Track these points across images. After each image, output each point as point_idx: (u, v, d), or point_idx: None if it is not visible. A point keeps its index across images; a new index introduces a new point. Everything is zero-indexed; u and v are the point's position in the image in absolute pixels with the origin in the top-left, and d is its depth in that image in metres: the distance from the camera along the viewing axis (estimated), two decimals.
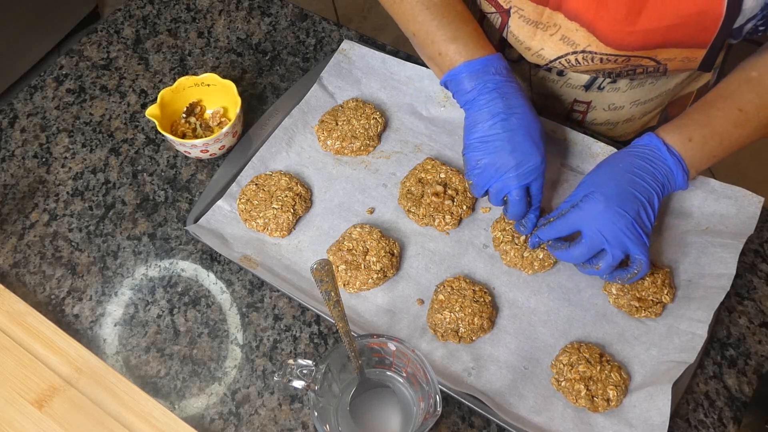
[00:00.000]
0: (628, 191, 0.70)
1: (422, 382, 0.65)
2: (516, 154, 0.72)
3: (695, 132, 0.72)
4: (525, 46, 0.82)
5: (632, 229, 0.69)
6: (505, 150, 0.73)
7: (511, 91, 0.74)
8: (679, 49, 0.75)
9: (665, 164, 0.72)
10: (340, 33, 1.00)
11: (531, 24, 0.79)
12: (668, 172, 0.72)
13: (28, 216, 0.85)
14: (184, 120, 0.88)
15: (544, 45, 0.80)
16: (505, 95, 0.74)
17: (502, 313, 0.76)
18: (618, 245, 0.70)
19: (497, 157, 0.73)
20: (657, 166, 0.72)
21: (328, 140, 0.87)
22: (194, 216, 0.81)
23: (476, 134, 0.74)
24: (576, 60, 0.79)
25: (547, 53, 0.81)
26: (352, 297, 0.77)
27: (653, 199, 0.71)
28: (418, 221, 0.81)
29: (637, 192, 0.71)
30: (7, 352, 0.72)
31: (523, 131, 0.73)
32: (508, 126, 0.73)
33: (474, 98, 0.75)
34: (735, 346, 0.75)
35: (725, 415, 0.71)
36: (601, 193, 0.70)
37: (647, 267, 0.71)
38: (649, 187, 0.71)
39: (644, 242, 0.70)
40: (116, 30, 1.02)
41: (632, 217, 0.69)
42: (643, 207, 0.70)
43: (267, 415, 0.71)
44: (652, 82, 0.86)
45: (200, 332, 0.76)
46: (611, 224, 0.69)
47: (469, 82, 0.75)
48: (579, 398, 0.69)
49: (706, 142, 0.72)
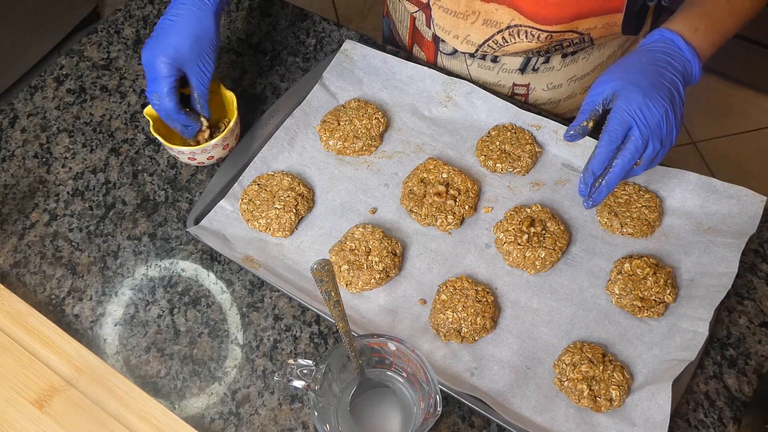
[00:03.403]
0: (659, 82, 0.70)
1: (422, 382, 0.65)
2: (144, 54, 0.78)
3: (699, 22, 0.74)
4: (452, 35, 0.87)
5: (669, 117, 0.69)
6: (144, 50, 0.78)
7: (187, 2, 0.79)
8: (597, 17, 0.79)
9: (683, 55, 0.73)
10: (340, 33, 1.00)
11: (451, 14, 0.84)
12: (686, 62, 0.73)
13: (28, 216, 0.85)
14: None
15: (470, 32, 0.85)
16: (179, 5, 0.79)
17: (504, 313, 0.76)
18: (658, 135, 0.69)
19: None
20: (676, 57, 0.72)
21: (330, 140, 0.87)
22: (194, 216, 0.81)
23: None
24: (503, 39, 0.84)
25: (474, 38, 0.86)
26: (354, 297, 0.77)
27: (680, 89, 0.71)
28: (421, 221, 0.81)
29: (666, 82, 0.70)
30: (7, 352, 0.72)
31: (156, 38, 0.78)
32: (158, 26, 0.79)
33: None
34: (735, 346, 0.75)
35: (725, 415, 0.71)
36: (635, 84, 0.69)
37: (659, 160, 0.71)
38: (675, 78, 0.71)
39: (675, 132, 0.70)
40: (116, 30, 1.02)
41: (668, 104, 0.69)
42: (673, 96, 0.70)
43: (267, 415, 0.71)
44: (585, 57, 0.90)
45: (200, 332, 0.76)
46: (653, 115, 0.68)
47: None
48: (582, 398, 0.69)
49: (709, 32, 0.74)
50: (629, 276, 0.75)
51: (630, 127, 0.68)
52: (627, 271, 0.76)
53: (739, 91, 2.04)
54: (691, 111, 2.03)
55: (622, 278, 0.75)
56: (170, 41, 0.77)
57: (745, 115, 2.02)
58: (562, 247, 0.78)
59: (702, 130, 2.00)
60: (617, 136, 0.68)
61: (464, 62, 0.93)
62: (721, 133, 2.00)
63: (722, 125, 2.01)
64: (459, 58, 0.92)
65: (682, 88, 0.72)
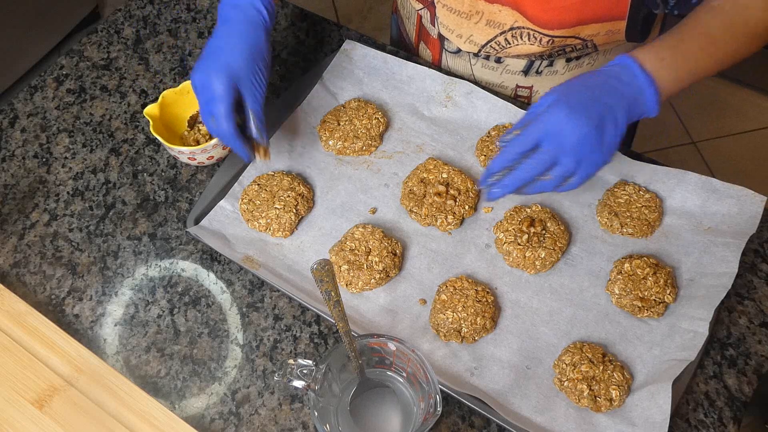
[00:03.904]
0: (593, 104, 0.68)
1: (422, 382, 0.65)
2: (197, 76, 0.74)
3: (667, 53, 0.71)
4: (456, 34, 0.87)
5: (592, 142, 0.67)
6: (196, 72, 0.75)
7: (237, 20, 0.76)
8: (599, 24, 0.78)
9: (635, 82, 0.70)
10: (340, 33, 1.00)
11: (455, 13, 0.84)
12: (638, 90, 0.70)
13: (28, 216, 0.85)
14: (187, 133, 0.88)
15: (473, 32, 0.84)
16: (230, 24, 0.76)
17: (504, 313, 0.76)
18: (573, 155, 0.67)
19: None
20: (626, 83, 0.70)
21: (330, 140, 0.87)
22: (194, 216, 0.81)
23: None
24: (506, 40, 0.83)
25: (477, 38, 0.85)
26: (354, 297, 0.77)
27: (618, 115, 0.68)
28: (421, 221, 0.81)
29: (603, 106, 0.68)
30: (7, 352, 0.72)
31: (211, 58, 0.74)
32: (210, 46, 0.75)
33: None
34: (735, 346, 0.75)
35: (725, 415, 0.71)
36: (565, 102, 0.68)
37: (580, 183, 0.69)
38: (616, 103, 0.68)
39: (598, 157, 0.68)
40: (116, 30, 1.02)
41: (594, 128, 0.67)
42: (606, 121, 0.68)
43: (267, 415, 0.71)
44: (591, 63, 0.89)
45: (200, 332, 0.76)
46: (571, 133, 0.67)
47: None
48: (582, 398, 0.69)
49: (677, 64, 0.71)
50: (629, 276, 0.75)
51: (542, 139, 0.68)
52: (627, 271, 0.76)
53: (740, 91, 2.05)
54: (691, 111, 2.03)
55: (622, 278, 0.75)
56: (224, 59, 0.73)
57: (745, 115, 2.02)
58: (562, 247, 0.78)
59: (702, 130, 2.00)
60: (526, 143, 0.68)
61: (468, 61, 0.92)
62: (721, 133, 2.00)
63: (722, 125, 2.01)
64: (463, 57, 0.92)
65: (622, 115, 0.69)
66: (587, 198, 0.83)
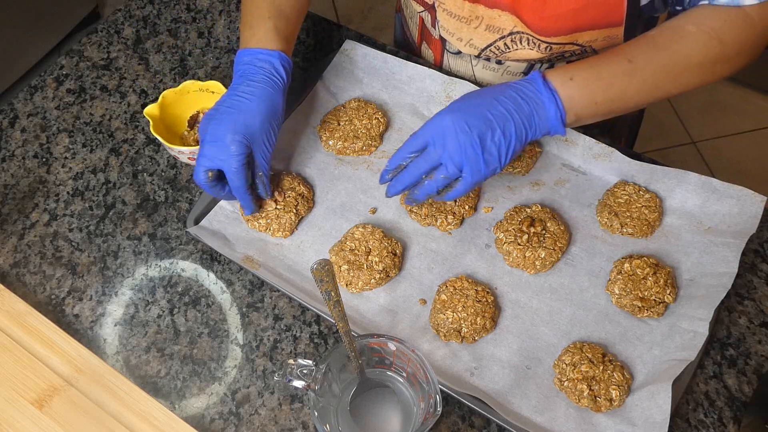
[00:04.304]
0: (481, 112, 0.70)
1: (422, 382, 0.65)
2: (214, 129, 0.74)
3: (578, 73, 0.71)
4: (456, 37, 0.87)
5: (473, 147, 0.69)
6: (214, 124, 0.75)
7: (258, 80, 0.76)
8: (597, 31, 0.77)
9: (537, 97, 0.71)
10: (340, 33, 1.00)
11: (455, 18, 0.84)
12: (539, 105, 0.71)
13: (28, 216, 0.85)
14: (187, 133, 0.88)
15: (472, 36, 0.84)
16: (248, 83, 0.76)
17: (504, 313, 0.76)
18: (452, 159, 0.69)
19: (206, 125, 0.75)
20: (527, 97, 0.71)
21: (330, 140, 0.87)
22: (194, 216, 0.81)
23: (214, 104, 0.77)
24: (505, 45, 0.83)
25: (477, 42, 0.85)
26: (354, 297, 0.77)
27: (509, 127, 0.70)
28: (421, 221, 0.81)
29: (492, 115, 0.70)
30: (7, 352, 0.72)
31: (231, 115, 0.75)
32: (229, 103, 0.75)
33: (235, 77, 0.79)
34: (735, 346, 0.75)
35: (725, 415, 0.71)
36: (452, 108, 0.71)
37: (465, 189, 0.71)
38: (508, 115, 0.70)
39: (481, 165, 0.70)
40: (116, 30, 1.02)
41: (476, 135, 0.69)
42: (492, 130, 0.69)
43: (267, 415, 0.71)
44: None
45: (200, 332, 0.76)
46: (453, 138, 0.69)
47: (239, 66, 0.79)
48: (582, 398, 0.69)
49: (587, 84, 0.71)
50: (629, 276, 0.75)
51: (429, 142, 0.71)
52: (627, 271, 0.76)
53: (740, 91, 2.05)
54: (691, 111, 2.03)
55: (622, 278, 0.75)
56: (243, 119, 0.74)
57: (744, 115, 2.02)
58: (562, 247, 0.78)
59: (702, 130, 2.00)
60: (415, 145, 0.72)
61: (469, 62, 0.92)
62: (721, 133, 2.00)
63: (722, 125, 2.01)
64: (464, 59, 0.92)
65: (515, 128, 0.70)
66: (587, 198, 0.83)
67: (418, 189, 0.73)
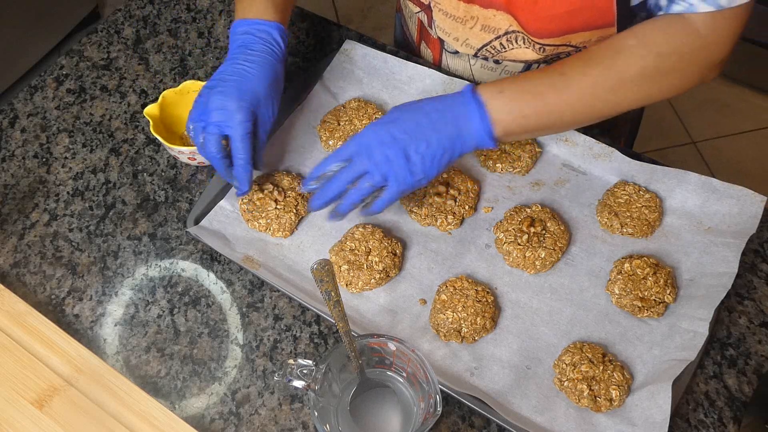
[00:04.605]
0: (408, 124, 0.70)
1: (422, 381, 0.65)
2: (218, 97, 0.74)
3: (509, 86, 0.71)
4: (453, 37, 0.87)
5: (397, 158, 0.70)
6: (215, 90, 0.74)
7: (258, 49, 0.76)
8: (589, 32, 0.77)
9: (466, 111, 0.70)
10: (340, 33, 1.00)
11: (450, 18, 0.84)
12: (468, 118, 0.70)
13: (28, 216, 0.85)
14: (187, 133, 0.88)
15: (468, 36, 0.85)
16: (249, 52, 0.76)
17: (504, 313, 0.76)
18: (378, 168, 0.70)
19: (208, 96, 0.75)
20: (455, 110, 0.71)
21: (330, 140, 0.87)
22: (194, 216, 0.81)
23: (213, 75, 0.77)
24: (501, 44, 0.83)
25: (473, 42, 0.86)
26: (354, 297, 0.77)
27: (434, 139, 0.70)
28: (421, 221, 0.81)
29: (418, 127, 0.70)
30: (7, 352, 0.72)
31: (236, 82, 0.74)
32: (232, 71, 0.75)
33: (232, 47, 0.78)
34: (735, 346, 0.75)
35: (725, 415, 0.71)
36: (380, 121, 0.72)
37: (390, 198, 0.72)
38: (434, 127, 0.70)
39: (407, 174, 0.70)
40: (116, 30, 1.02)
41: (401, 146, 0.70)
42: (417, 142, 0.70)
43: (267, 415, 0.71)
44: None
45: (200, 332, 0.76)
46: (378, 149, 0.70)
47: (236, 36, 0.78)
48: (582, 398, 0.69)
49: (517, 97, 0.70)
50: (629, 276, 0.75)
51: (355, 152, 0.71)
52: (627, 271, 0.76)
53: (739, 91, 2.05)
54: (691, 111, 2.03)
55: (622, 278, 0.75)
56: (249, 86, 0.74)
57: (744, 115, 2.02)
58: (562, 247, 0.78)
59: (702, 130, 2.00)
60: (340, 156, 0.72)
61: (468, 62, 0.92)
62: (721, 133, 2.00)
63: (722, 125, 2.01)
64: (463, 58, 0.92)
65: (442, 140, 0.70)
66: (587, 198, 0.83)
67: (344, 199, 0.73)
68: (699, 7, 0.67)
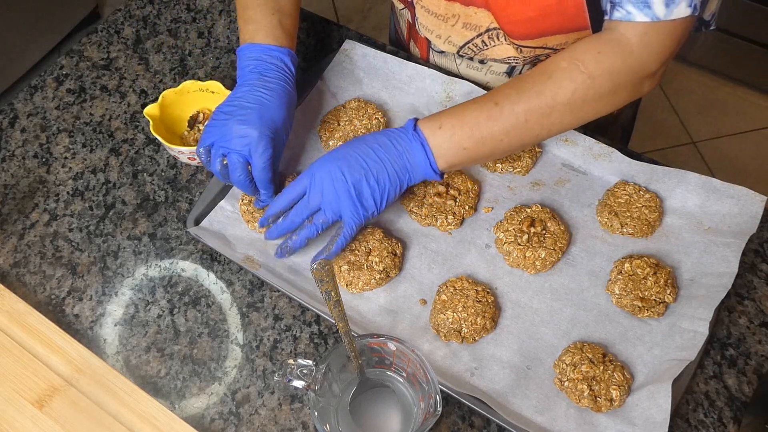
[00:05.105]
0: (356, 160, 0.73)
1: (422, 381, 0.65)
2: (241, 126, 0.75)
3: (446, 121, 0.73)
4: (435, 35, 0.88)
5: (348, 194, 0.72)
6: (236, 118, 0.75)
7: (273, 76, 0.78)
8: (564, 35, 0.77)
9: (409, 145, 0.74)
10: (340, 33, 1.00)
11: (432, 15, 0.85)
12: (410, 153, 0.73)
13: (28, 216, 0.85)
14: (187, 133, 0.88)
15: (450, 33, 0.85)
16: (265, 79, 0.77)
17: (504, 313, 0.76)
18: (330, 206, 0.73)
19: (227, 122, 0.76)
20: (400, 146, 0.74)
21: (330, 140, 0.87)
22: (194, 216, 0.81)
23: (227, 99, 0.78)
24: (483, 42, 0.84)
25: (455, 40, 0.86)
26: (354, 297, 0.77)
27: (383, 175, 0.73)
28: (421, 221, 0.81)
29: (366, 163, 0.73)
30: (7, 352, 0.72)
31: (257, 110, 0.75)
32: (251, 99, 0.76)
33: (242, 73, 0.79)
34: (735, 346, 0.75)
35: (725, 415, 0.71)
36: (329, 157, 0.74)
37: (348, 235, 0.74)
38: (381, 163, 0.73)
39: (359, 209, 0.73)
40: (116, 30, 1.02)
41: (351, 183, 0.72)
42: (367, 178, 0.72)
43: (267, 415, 0.71)
44: None
45: (200, 332, 0.76)
46: (330, 185, 0.72)
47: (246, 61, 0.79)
48: (582, 398, 0.69)
49: (455, 131, 0.73)
50: (629, 276, 0.75)
51: (307, 188, 0.74)
52: (627, 271, 0.76)
53: (739, 91, 2.05)
54: (691, 111, 2.03)
55: (622, 278, 0.75)
56: (270, 115, 0.75)
57: (745, 115, 2.02)
58: (562, 247, 0.78)
59: (702, 130, 2.00)
60: (295, 190, 0.74)
61: (454, 61, 0.93)
62: (721, 133, 2.00)
63: (722, 125, 2.01)
64: (449, 57, 0.93)
65: (388, 175, 0.73)
66: (587, 198, 0.83)
67: (297, 234, 0.75)
68: (636, 17, 0.68)
